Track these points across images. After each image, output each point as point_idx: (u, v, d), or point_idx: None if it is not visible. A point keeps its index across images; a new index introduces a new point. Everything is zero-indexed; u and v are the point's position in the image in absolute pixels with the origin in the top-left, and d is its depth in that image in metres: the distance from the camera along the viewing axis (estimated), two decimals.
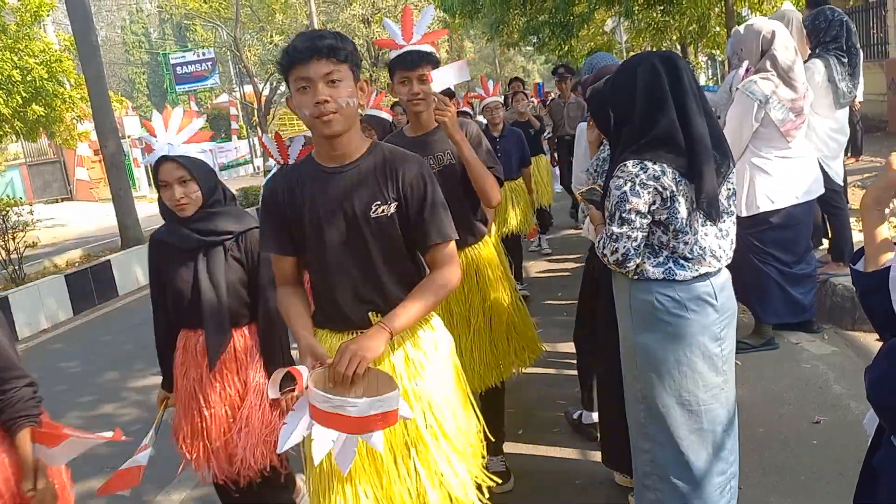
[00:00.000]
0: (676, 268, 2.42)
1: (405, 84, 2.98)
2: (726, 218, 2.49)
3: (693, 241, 2.39)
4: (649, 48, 23.48)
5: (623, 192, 2.34)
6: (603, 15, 17.32)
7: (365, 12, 23.07)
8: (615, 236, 2.38)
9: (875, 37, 13.05)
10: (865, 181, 8.21)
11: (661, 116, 2.33)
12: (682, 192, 2.34)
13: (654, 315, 2.45)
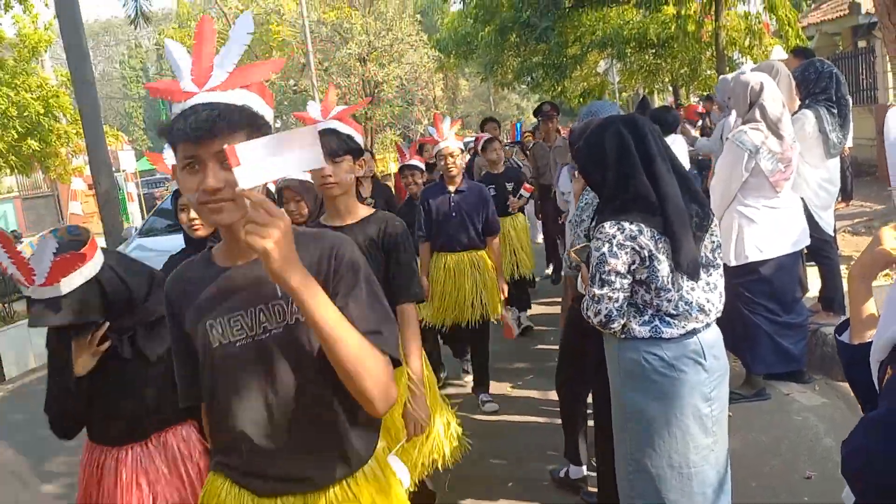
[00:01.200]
0: (663, 325, 2.41)
1: None
2: (713, 271, 2.50)
3: (677, 298, 2.40)
4: (641, 89, 23.79)
5: (602, 254, 2.36)
6: (596, 57, 17.56)
7: (361, 51, 23.31)
8: (597, 298, 2.39)
9: (864, 82, 13.24)
10: (856, 226, 8.27)
11: (632, 179, 2.38)
12: (661, 249, 2.35)
13: (642, 374, 2.44)
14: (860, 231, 8.00)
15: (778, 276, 4.30)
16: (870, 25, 12.48)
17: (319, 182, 2.65)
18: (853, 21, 13.70)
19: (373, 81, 23.80)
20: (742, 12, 14.24)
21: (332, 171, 2.63)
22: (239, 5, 20.33)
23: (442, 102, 36.45)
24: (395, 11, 25.24)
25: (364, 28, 23.52)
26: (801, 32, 14.25)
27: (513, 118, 53.69)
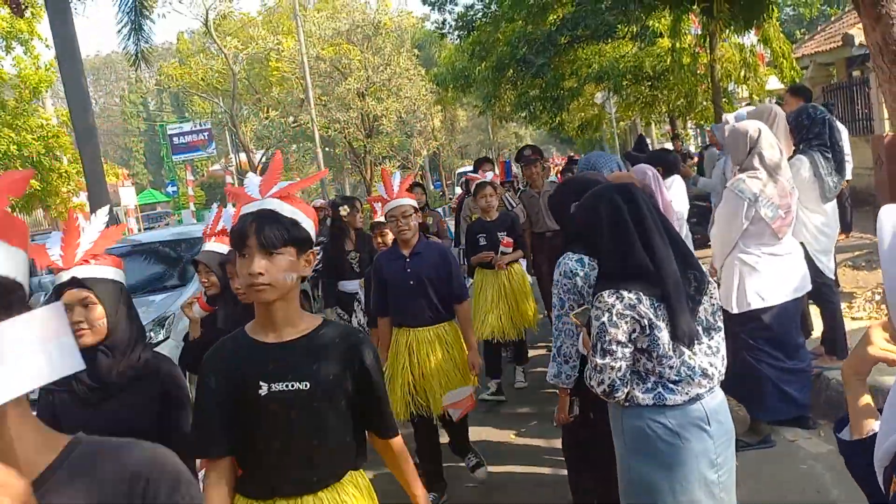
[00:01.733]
0: (666, 392, 2.40)
1: None
2: (714, 334, 2.50)
3: (679, 364, 2.39)
4: (638, 120, 23.94)
5: (602, 324, 2.36)
6: (592, 89, 17.70)
7: (360, 86, 23.53)
8: (599, 367, 2.38)
9: (860, 112, 13.33)
10: (856, 260, 8.27)
11: (629, 248, 2.39)
12: (661, 317, 2.35)
13: (646, 442, 2.43)
14: (860, 265, 7.99)
15: (780, 323, 4.29)
16: (864, 57, 12.57)
17: (246, 282, 1.96)
18: (847, 52, 13.82)
19: (371, 115, 23.99)
20: (736, 44, 14.39)
21: (264, 268, 1.92)
22: (238, 44, 20.55)
23: (440, 133, 36.67)
24: (393, 46, 25.52)
25: (362, 63, 23.77)
26: (795, 64, 14.39)
27: (511, 146, 54.04)
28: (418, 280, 4.09)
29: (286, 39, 23.40)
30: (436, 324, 4.16)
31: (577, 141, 27.11)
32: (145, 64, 11.98)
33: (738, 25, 10.51)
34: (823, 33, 16.82)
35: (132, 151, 64.53)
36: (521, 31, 14.16)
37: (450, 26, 16.04)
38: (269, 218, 1.95)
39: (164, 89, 32.70)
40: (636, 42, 14.61)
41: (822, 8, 35.81)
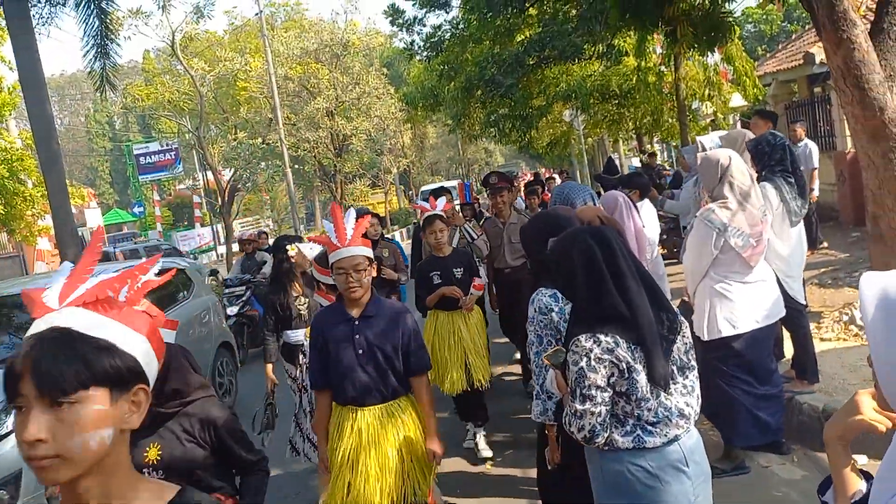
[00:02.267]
0: (645, 435, 2.39)
1: None
2: (688, 373, 2.50)
3: (657, 406, 2.39)
4: (606, 137, 24.21)
5: (580, 369, 2.34)
6: (561, 107, 17.87)
7: (329, 105, 23.49)
8: (579, 413, 2.37)
9: (822, 129, 13.59)
10: (822, 277, 8.39)
11: (603, 293, 2.40)
12: (638, 359, 2.35)
13: (626, 485, 2.42)
14: (826, 283, 8.12)
15: (752, 350, 4.33)
16: (825, 74, 12.83)
17: (24, 453, 1.21)
18: (808, 70, 14.09)
19: (341, 134, 23.95)
20: (701, 63, 14.63)
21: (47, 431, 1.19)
22: (204, 66, 20.41)
23: (410, 150, 36.74)
24: (362, 65, 25.55)
25: (331, 82, 23.73)
26: (758, 82, 14.68)
27: (481, 162, 54.28)
28: (369, 350, 3.33)
29: (254, 59, 23.30)
30: (390, 402, 3.39)
31: (547, 157, 27.30)
32: (111, 88, 11.83)
33: (702, 47, 10.68)
34: (785, 51, 17.16)
35: (98, 171, 63.70)
36: (489, 51, 14.28)
37: (419, 46, 16.12)
38: (57, 344, 1.22)
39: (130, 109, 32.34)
40: (602, 61, 14.80)
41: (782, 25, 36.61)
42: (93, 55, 11.36)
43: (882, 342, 1.24)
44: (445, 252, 5.45)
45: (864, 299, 1.27)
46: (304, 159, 27.36)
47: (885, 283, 1.27)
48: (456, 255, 5.52)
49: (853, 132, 6.50)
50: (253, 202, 40.77)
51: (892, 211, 6.02)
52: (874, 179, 6.15)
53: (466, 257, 5.58)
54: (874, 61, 5.83)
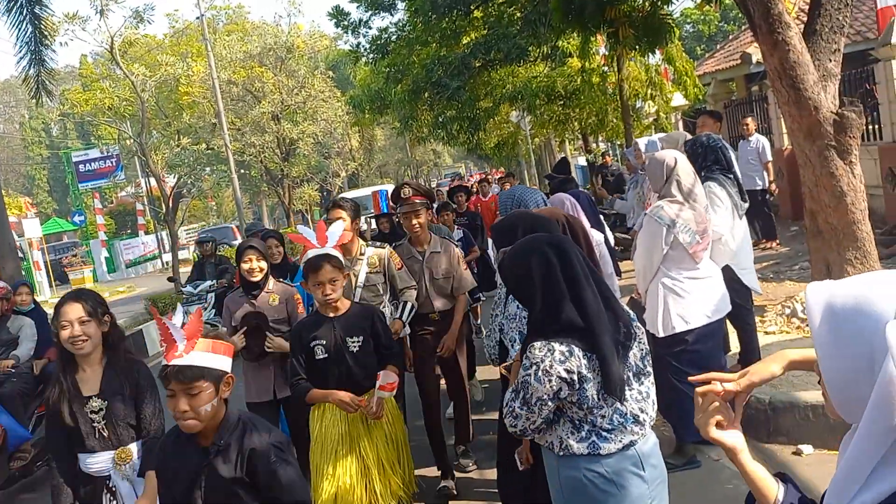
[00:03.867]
0: (600, 441, 2.41)
1: None
2: (644, 379, 2.52)
3: (611, 413, 2.40)
4: (553, 137, 24.46)
5: (527, 376, 2.35)
6: (507, 108, 18.00)
7: (274, 109, 23.23)
8: (516, 414, 2.40)
9: (761, 127, 13.97)
10: (764, 272, 8.62)
11: (559, 303, 2.40)
12: (592, 368, 2.35)
13: (583, 491, 2.43)
14: (769, 277, 8.35)
15: (704, 344, 4.44)
16: (762, 74, 13.21)
17: None
18: (746, 70, 14.52)
19: (287, 139, 23.69)
20: (643, 63, 14.90)
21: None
22: (146, 71, 19.98)
23: (359, 153, 36.56)
24: (307, 69, 25.32)
25: (276, 86, 23.47)
26: (698, 81, 15.02)
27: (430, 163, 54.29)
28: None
29: (196, 63, 22.90)
30: None
31: (495, 158, 27.47)
32: (47, 95, 11.49)
33: (643, 48, 10.88)
34: (723, 51, 17.61)
35: (34, 179, 61.77)
36: (435, 54, 14.28)
37: (364, 49, 16.04)
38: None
39: (68, 115, 31.47)
40: (547, 63, 14.95)
41: (719, 25, 37.53)
42: (27, 61, 11.01)
43: (828, 352, 1.24)
44: (339, 309, 3.70)
45: (810, 310, 1.27)
46: (251, 164, 27.02)
47: (830, 293, 1.27)
48: (354, 317, 3.70)
49: (790, 131, 6.71)
50: (198, 208, 40.10)
51: (829, 207, 6.23)
52: (811, 176, 6.36)
53: (370, 320, 3.73)
54: (808, 62, 6.03)
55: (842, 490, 1.26)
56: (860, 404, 1.19)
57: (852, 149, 6.07)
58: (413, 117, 17.02)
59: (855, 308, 1.20)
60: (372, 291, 4.62)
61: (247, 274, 4.53)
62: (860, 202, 6.16)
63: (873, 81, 9.80)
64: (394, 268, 4.67)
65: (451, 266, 4.89)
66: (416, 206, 4.82)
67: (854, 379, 1.20)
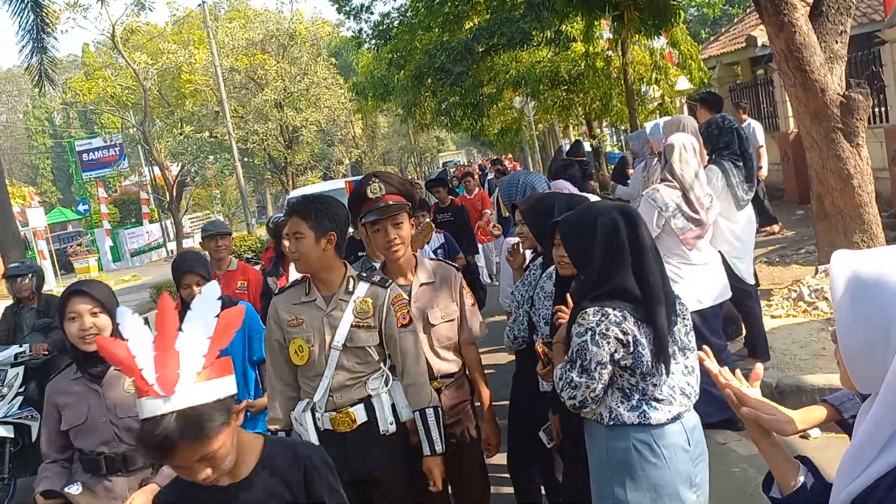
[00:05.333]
0: (650, 410, 2.39)
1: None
2: (689, 353, 2.50)
3: (662, 382, 2.39)
4: (556, 124, 24.37)
5: (584, 342, 2.33)
6: (511, 94, 17.92)
7: (277, 97, 23.17)
8: (574, 384, 2.35)
9: (766, 110, 13.89)
10: (770, 256, 8.59)
11: (619, 269, 2.38)
12: (644, 334, 2.35)
13: (632, 465, 2.41)
14: (774, 261, 8.32)
15: (700, 330, 4.41)
16: (767, 57, 13.11)
17: None
18: (751, 53, 14.39)
19: (290, 126, 23.65)
20: (647, 47, 14.81)
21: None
22: (148, 59, 19.92)
23: (362, 140, 36.51)
24: (310, 55, 25.22)
25: (279, 73, 23.40)
26: (702, 65, 14.91)
27: (433, 150, 54.19)
28: None
29: (198, 51, 22.83)
30: None
31: (498, 144, 27.41)
32: (50, 83, 11.48)
33: (648, 32, 10.81)
34: (728, 34, 17.47)
35: (38, 169, 61.83)
36: (438, 39, 14.24)
37: (367, 35, 15.99)
38: None
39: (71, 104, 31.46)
40: (551, 47, 14.87)
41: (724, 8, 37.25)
42: (29, 50, 11.00)
43: (847, 323, 1.25)
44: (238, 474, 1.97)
45: (833, 278, 1.27)
46: (254, 152, 26.99)
47: (856, 263, 1.27)
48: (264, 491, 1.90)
49: (796, 113, 6.66)
50: (202, 197, 40.07)
51: (836, 189, 6.20)
52: (818, 159, 6.32)
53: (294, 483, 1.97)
54: (815, 44, 5.98)
55: (857, 458, 1.27)
56: (875, 374, 1.21)
57: (859, 131, 6.03)
58: (416, 104, 17.00)
59: (878, 279, 1.22)
60: (357, 357, 2.81)
61: None
62: (867, 185, 6.13)
63: (880, 64, 9.71)
64: (394, 322, 2.83)
65: (453, 302, 3.22)
66: (393, 211, 3.02)
67: (870, 349, 1.21)
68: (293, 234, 2.76)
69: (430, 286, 3.20)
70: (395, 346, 2.85)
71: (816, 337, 5.51)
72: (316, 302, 2.83)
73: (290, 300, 2.88)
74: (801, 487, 1.51)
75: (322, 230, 2.74)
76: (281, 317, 2.86)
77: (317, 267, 2.80)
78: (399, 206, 3.06)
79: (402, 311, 2.88)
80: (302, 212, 2.76)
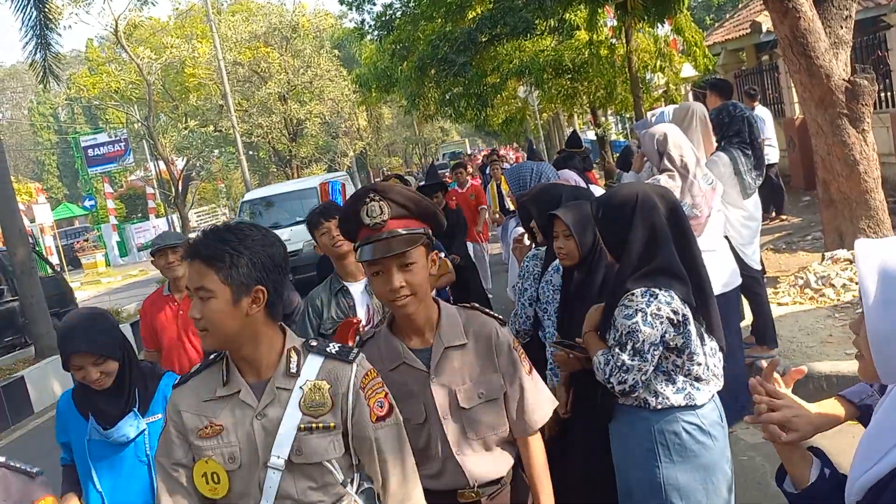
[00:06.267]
0: (694, 392, 2.40)
1: None
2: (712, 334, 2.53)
3: (703, 362, 2.40)
4: (561, 112, 24.30)
5: (635, 323, 2.32)
6: (515, 83, 17.87)
7: (281, 90, 23.16)
8: (626, 367, 2.33)
9: (771, 96, 13.82)
10: (777, 243, 8.57)
11: (660, 250, 2.38)
12: (690, 315, 2.37)
13: (682, 445, 2.40)
14: (781, 248, 8.30)
15: None
16: (772, 43, 13.03)
17: None
18: (756, 39, 14.30)
19: (294, 119, 23.65)
20: (651, 34, 14.75)
21: None
22: (151, 54, 19.93)
23: (366, 132, 36.46)
24: (313, 48, 25.19)
25: (282, 66, 23.38)
26: (707, 51, 14.85)
27: (437, 140, 54.09)
28: None
29: (201, 45, 22.82)
30: None
31: (503, 134, 27.34)
32: (54, 79, 11.50)
33: (652, 18, 10.77)
34: (732, 20, 17.37)
35: (44, 164, 61.97)
36: (440, 29, 14.19)
37: (369, 26, 15.95)
38: None
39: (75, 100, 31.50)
40: (554, 36, 14.82)
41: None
42: (33, 46, 11.02)
43: (879, 314, 1.24)
44: None
45: (861, 269, 1.27)
46: (259, 145, 26.97)
47: (884, 253, 1.27)
48: None
49: (801, 99, 6.63)
50: (208, 191, 40.11)
51: (841, 176, 6.18)
52: (823, 145, 6.29)
53: None
54: (819, 29, 5.94)
55: (872, 449, 1.27)
56: None
57: (865, 117, 6.00)
58: (420, 95, 16.95)
59: None
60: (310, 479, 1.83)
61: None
62: (873, 171, 6.10)
63: (885, 48, 9.65)
64: (367, 416, 1.87)
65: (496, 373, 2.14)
66: (400, 246, 1.99)
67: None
68: (195, 290, 1.76)
69: (460, 351, 2.11)
70: (370, 452, 1.85)
71: (823, 324, 5.50)
72: (240, 395, 1.82)
73: (198, 394, 1.85)
74: (815, 482, 1.50)
75: (243, 285, 1.75)
76: (186, 423, 1.83)
77: (237, 342, 1.80)
78: (411, 239, 2.00)
79: (378, 398, 1.87)
80: (209, 256, 1.75)
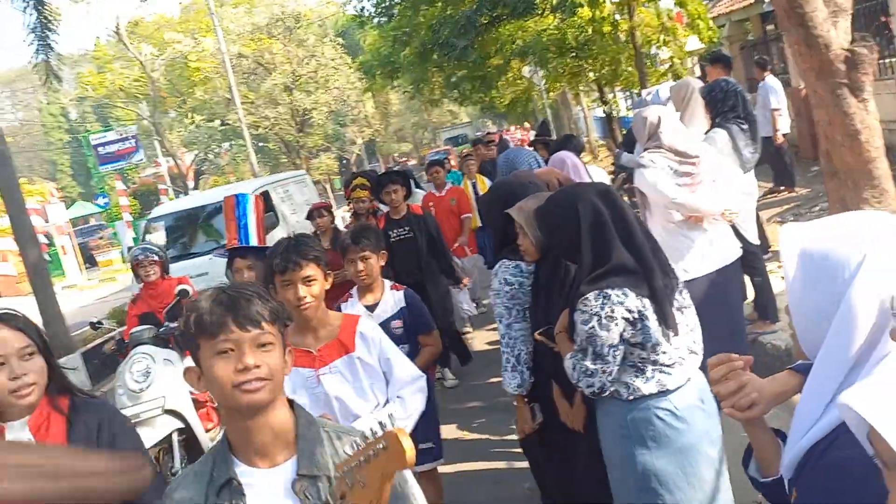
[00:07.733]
0: (666, 378, 2.42)
1: None
2: (686, 311, 2.52)
3: (671, 348, 2.41)
4: (567, 91, 24.11)
5: (592, 328, 2.34)
6: (519, 64, 17.75)
7: (286, 80, 23.15)
8: (590, 372, 2.37)
9: (777, 66, 13.64)
10: (784, 215, 8.50)
11: (612, 247, 2.40)
12: (647, 307, 2.37)
13: (654, 431, 2.43)
14: (788, 220, 8.23)
15: (710, 293, 4.38)
16: None
17: None
18: (759, 8, 14.12)
19: (301, 109, 23.65)
20: (655, 9, 14.57)
21: None
22: (154, 51, 19.97)
23: (374, 119, 36.38)
24: (317, 37, 25.12)
25: (286, 57, 23.35)
26: (711, 23, 14.66)
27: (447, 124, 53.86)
28: None
29: (205, 38, 22.83)
30: None
31: (510, 115, 27.21)
32: (57, 80, 11.56)
33: None
34: None
35: (57, 164, 62.42)
36: (441, 13, 14.09)
37: (370, 12, 15.88)
38: None
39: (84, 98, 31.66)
40: (557, 14, 14.66)
41: None
42: (35, 48, 11.09)
43: (798, 293, 1.29)
44: None
45: (783, 252, 1.31)
46: (267, 137, 27.01)
47: (803, 234, 1.30)
48: None
49: (801, 70, 6.52)
50: (219, 184, 40.26)
51: (843, 146, 6.08)
52: (824, 116, 6.19)
53: None
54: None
55: (802, 421, 1.29)
56: None
57: (865, 86, 5.89)
58: (424, 80, 16.90)
59: (824, 251, 1.25)
60: None
61: None
62: (875, 140, 6.00)
63: (888, 14, 9.49)
64: None
65: None
66: None
67: (819, 320, 1.24)
68: None
69: None
70: None
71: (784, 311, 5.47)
72: None
73: None
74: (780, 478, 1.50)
75: None
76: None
77: None
78: None
79: None
80: None
